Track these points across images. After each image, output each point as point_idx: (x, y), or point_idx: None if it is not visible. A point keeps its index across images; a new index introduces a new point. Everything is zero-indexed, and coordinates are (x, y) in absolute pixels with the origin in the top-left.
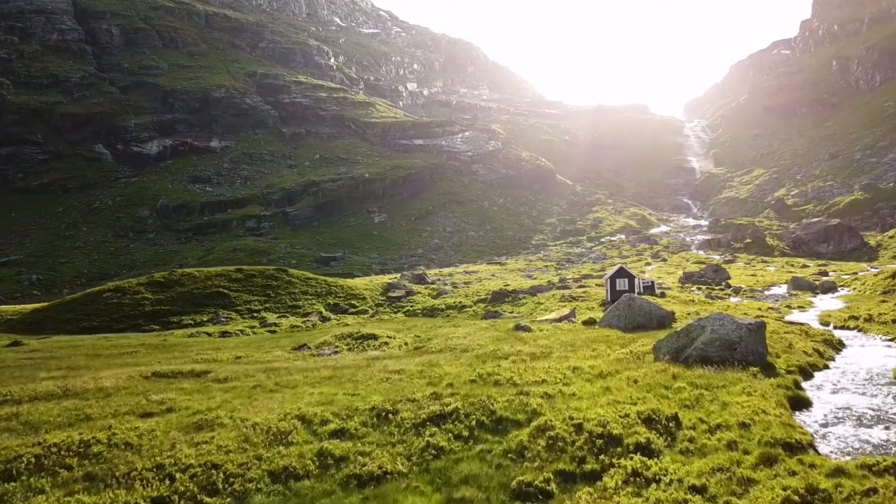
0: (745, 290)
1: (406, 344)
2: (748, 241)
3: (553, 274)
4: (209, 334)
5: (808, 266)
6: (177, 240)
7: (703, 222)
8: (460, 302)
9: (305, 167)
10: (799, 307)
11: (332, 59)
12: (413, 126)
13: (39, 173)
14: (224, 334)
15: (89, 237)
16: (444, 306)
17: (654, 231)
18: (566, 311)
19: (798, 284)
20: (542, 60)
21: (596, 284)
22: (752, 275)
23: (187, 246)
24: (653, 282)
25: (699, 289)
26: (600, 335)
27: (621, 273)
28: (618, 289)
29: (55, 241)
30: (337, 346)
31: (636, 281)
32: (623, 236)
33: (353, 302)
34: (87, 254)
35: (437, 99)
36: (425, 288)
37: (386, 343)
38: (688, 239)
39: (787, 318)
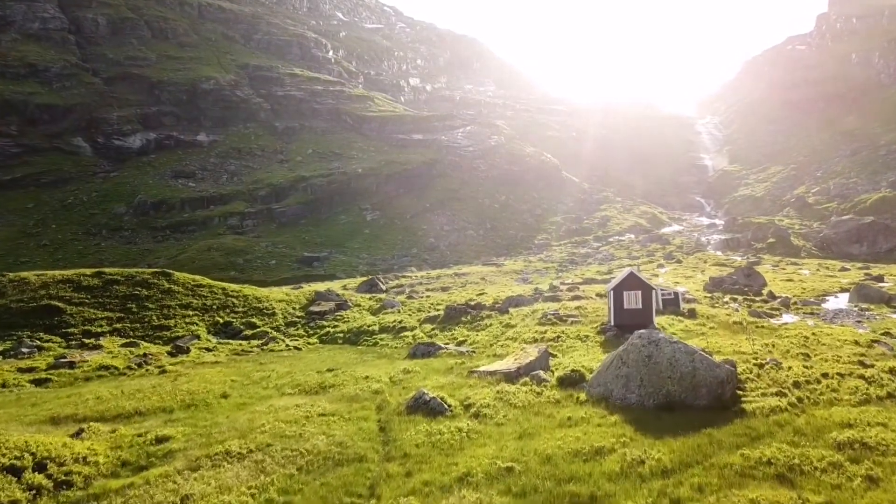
0: (795, 303)
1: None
2: (771, 240)
3: (553, 276)
4: None
5: (848, 269)
6: (153, 238)
7: (718, 221)
8: (401, 321)
9: (297, 162)
10: None
11: (331, 53)
12: (412, 120)
13: (11, 167)
14: None
15: (57, 235)
16: (376, 328)
17: (665, 230)
18: (533, 352)
19: (866, 294)
20: (550, 57)
21: (597, 295)
22: (788, 279)
23: (163, 245)
24: (677, 293)
25: (734, 300)
26: (586, 439)
27: (631, 282)
28: (626, 306)
29: (20, 238)
30: None
31: (654, 294)
32: (632, 236)
33: (253, 320)
34: (51, 253)
35: (441, 94)
36: (370, 299)
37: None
38: (703, 239)
39: None
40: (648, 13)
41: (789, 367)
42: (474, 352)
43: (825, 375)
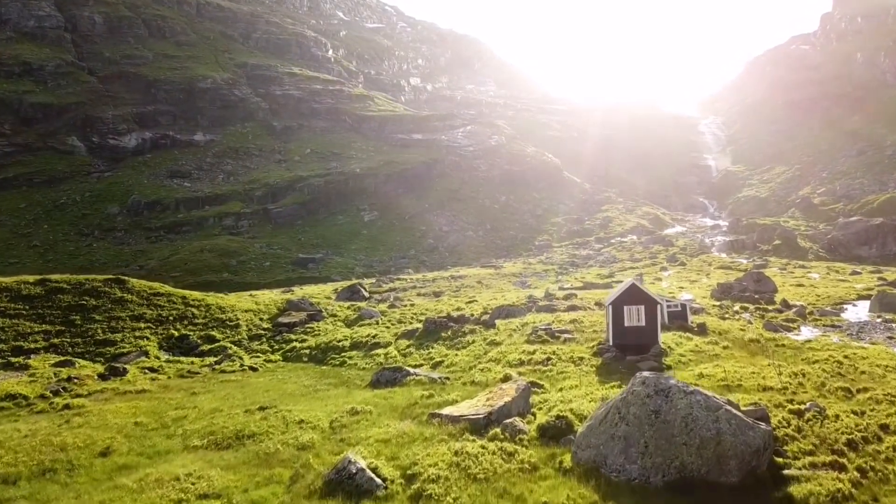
0: (811, 313)
1: None
2: (777, 242)
3: (552, 280)
4: None
5: (859, 272)
6: (146, 239)
7: (722, 222)
8: (376, 336)
9: (295, 162)
10: None
11: (331, 52)
12: (412, 120)
13: (4, 167)
14: None
15: (49, 235)
16: (347, 344)
17: (668, 231)
18: (511, 390)
19: (889, 304)
20: (552, 57)
21: (596, 304)
22: (798, 284)
23: (156, 245)
24: (684, 305)
25: (745, 309)
26: None
27: (632, 295)
28: (627, 323)
29: (10, 239)
30: None
31: (659, 309)
32: (634, 237)
33: (213, 333)
34: (42, 254)
35: (442, 94)
36: (348, 308)
37: None
38: (707, 240)
39: None
40: (650, 12)
41: (836, 416)
42: (448, 378)
43: (885, 428)
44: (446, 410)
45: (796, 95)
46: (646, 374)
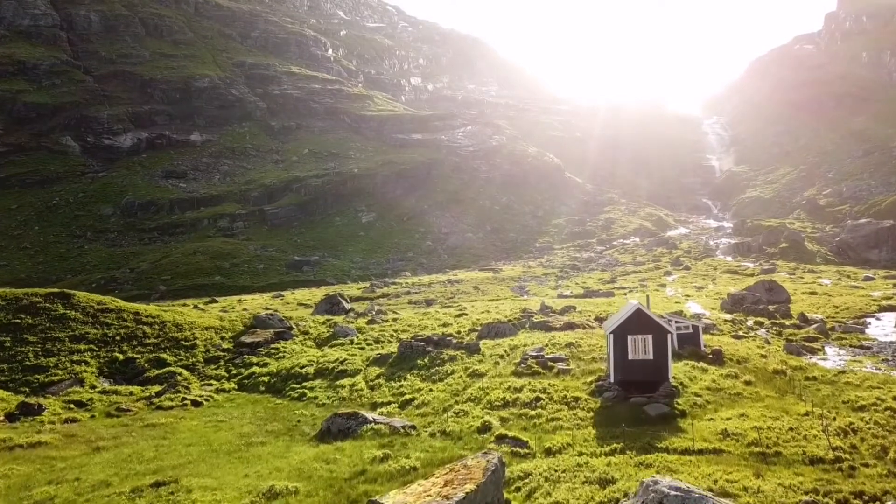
0: (832, 328)
1: None
2: (784, 245)
3: (552, 285)
4: None
5: (872, 278)
6: (140, 240)
7: (727, 224)
8: (345, 361)
9: (292, 162)
10: None
11: (331, 51)
12: (412, 119)
13: None
14: None
15: (40, 237)
16: (312, 371)
17: (671, 233)
18: (478, 471)
19: None
20: (554, 57)
21: (596, 319)
22: (810, 292)
23: (150, 247)
24: (696, 327)
25: (759, 324)
26: None
27: (638, 322)
28: (631, 356)
29: (0, 241)
30: None
31: (669, 338)
32: (637, 239)
33: (164, 355)
34: (32, 256)
35: (443, 94)
36: (323, 323)
37: None
38: (711, 243)
39: None
40: (654, 12)
41: None
42: (413, 428)
43: None
44: (388, 502)
45: (800, 95)
46: (661, 486)
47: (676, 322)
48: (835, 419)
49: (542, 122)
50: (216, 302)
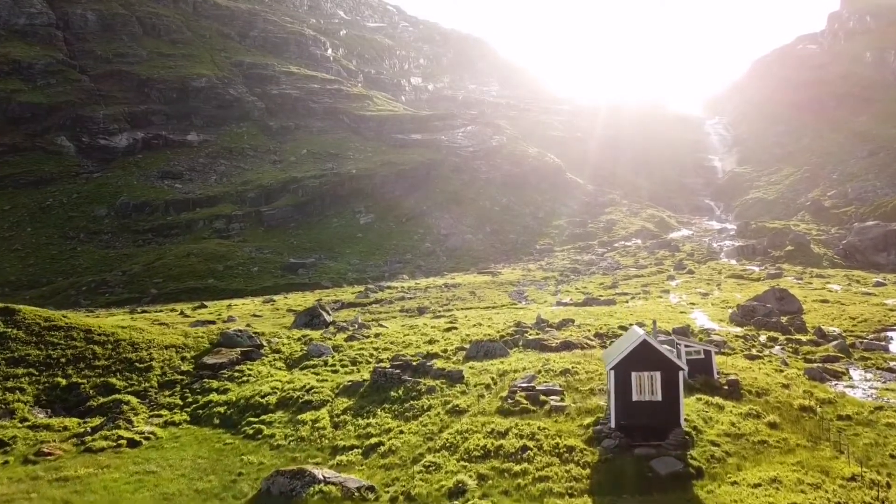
0: (854, 346)
1: None
2: (789, 248)
3: (552, 290)
4: None
5: (884, 283)
6: (133, 242)
7: (730, 226)
8: (312, 389)
9: (290, 163)
10: None
11: (330, 51)
12: (411, 119)
13: None
14: None
15: (32, 238)
16: (274, 400)
17: (674, 235)
18: None
19: None
20: (556, 57)
21: (596, 335)
22: (821, 300)
23: (143, 249)
24: (709, 352)
25: (773, 340)
26: None
27: (643, 356)
28: (636, 396)
29: None
30: None
31: (681, 375)
32: (639, 241)
33: (113, 380)
34: (23, 258)
35: (443, 94)
36: (298, 340)
37: None
38: (715, 245)
39: None
40: (655, 12)
41: None
42: (372, 489)
43: None
44: None
45: (803, 95)
46: None
47: (686, 346)
48: (888, 485)
49: (542, 122)
50: (205, 307)
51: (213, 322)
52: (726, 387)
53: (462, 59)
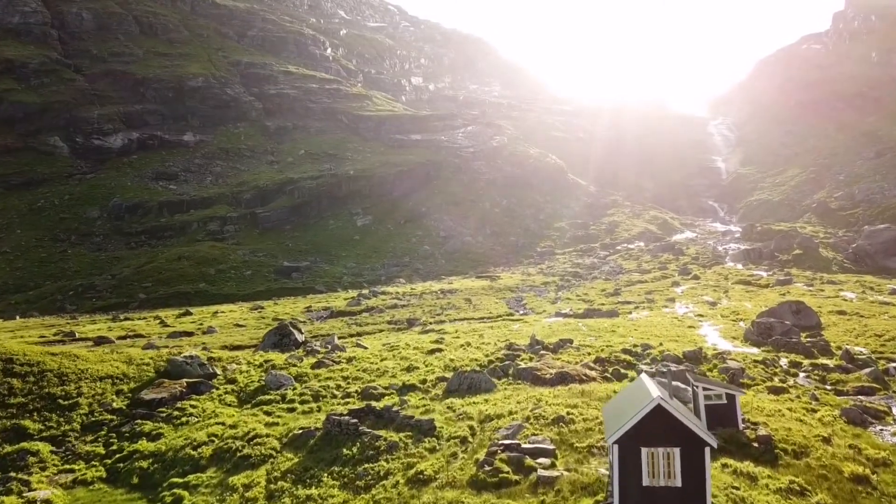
0: (889, 374)
1: None
2: (797, 252)
3: (552, 297)
4: None
5: None
6: (126, 244)
7: (734, 228)
8: (255, 438)
9: (287, 164)
10: None
11: (329, 50)
12: (411, 120)
13: None
14: None
15: (21, 241)
16: (208, 453)
17: (677, 237)
18: None
19: None
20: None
21: (598, 359)
22: (838, 311)
23: (135, 252)
24: (733, 396)
25: (796, 365)
26: None
27: (658, 426)
28: (647, 481)
29: None
30: None
31: (707, 452)
32: (642, 243)
33: (25, 422)
34: (11, 261)
35: (444, 94)
36: (259, 367)
37: None
38: (720, 248)
39: None
40: (658, 12)
41: None
42: None
43: None
44: None
45: (808, 96)
46: None
47: (705, 388)
48: None
49: (544, 123)
50: (189, 314)
51: (191, 334)
52: (756, 444)
53: (463, 59)
